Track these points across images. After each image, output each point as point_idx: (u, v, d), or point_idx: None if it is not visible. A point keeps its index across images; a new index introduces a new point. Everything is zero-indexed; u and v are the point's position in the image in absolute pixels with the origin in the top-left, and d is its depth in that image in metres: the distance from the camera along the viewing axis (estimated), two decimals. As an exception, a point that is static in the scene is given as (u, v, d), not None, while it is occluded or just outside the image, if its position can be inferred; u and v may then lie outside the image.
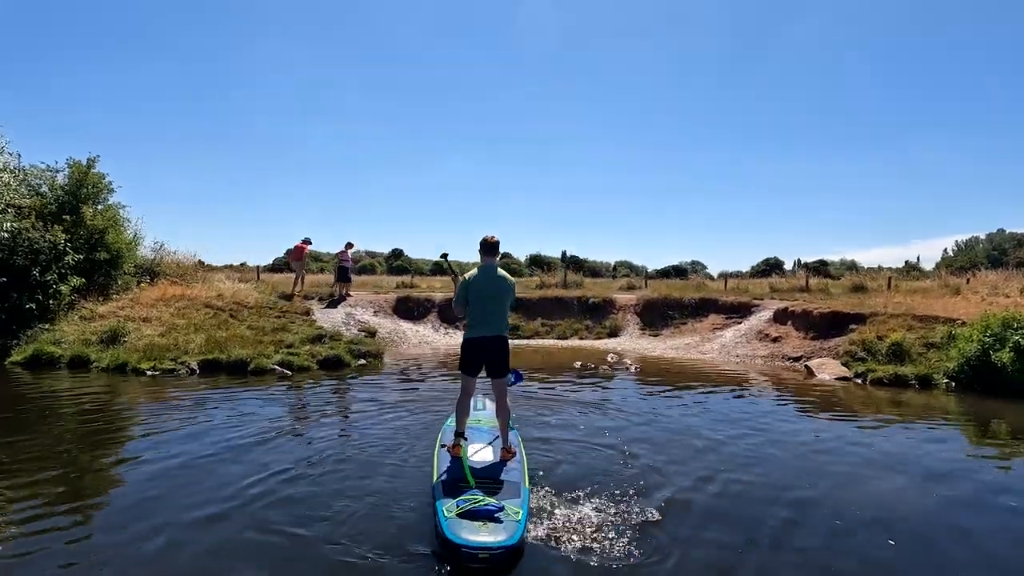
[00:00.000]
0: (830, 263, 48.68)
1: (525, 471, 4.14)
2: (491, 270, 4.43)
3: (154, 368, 9.08)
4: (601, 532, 3.58)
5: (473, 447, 4.48)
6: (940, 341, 9.91)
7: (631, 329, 15.34)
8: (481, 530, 3.20)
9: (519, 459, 4.32)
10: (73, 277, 11.29)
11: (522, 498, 3.65)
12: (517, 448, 4.51)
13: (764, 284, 19.93)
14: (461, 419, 4.46)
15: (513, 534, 3.18)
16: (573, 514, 3.81)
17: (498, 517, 3.33)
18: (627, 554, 3.33)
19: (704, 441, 5.79)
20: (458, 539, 3.11)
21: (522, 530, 3.28)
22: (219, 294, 13.22)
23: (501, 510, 3.40)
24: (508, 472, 4.06)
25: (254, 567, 3.21)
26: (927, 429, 6.54)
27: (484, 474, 3.98)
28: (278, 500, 4.10)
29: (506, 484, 3.85)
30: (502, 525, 3.26)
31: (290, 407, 7.19)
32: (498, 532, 3.18)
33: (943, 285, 16.43)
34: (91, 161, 12.55)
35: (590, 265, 62.12)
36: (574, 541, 3.46)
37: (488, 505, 3.42)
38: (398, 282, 20.42)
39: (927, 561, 3.41)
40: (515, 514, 3.39)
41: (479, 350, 4.43)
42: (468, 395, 4.50)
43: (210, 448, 5.27)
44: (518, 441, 4.72)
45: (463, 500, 3.49)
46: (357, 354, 10.86)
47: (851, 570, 3.27)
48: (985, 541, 3.69)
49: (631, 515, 3.84)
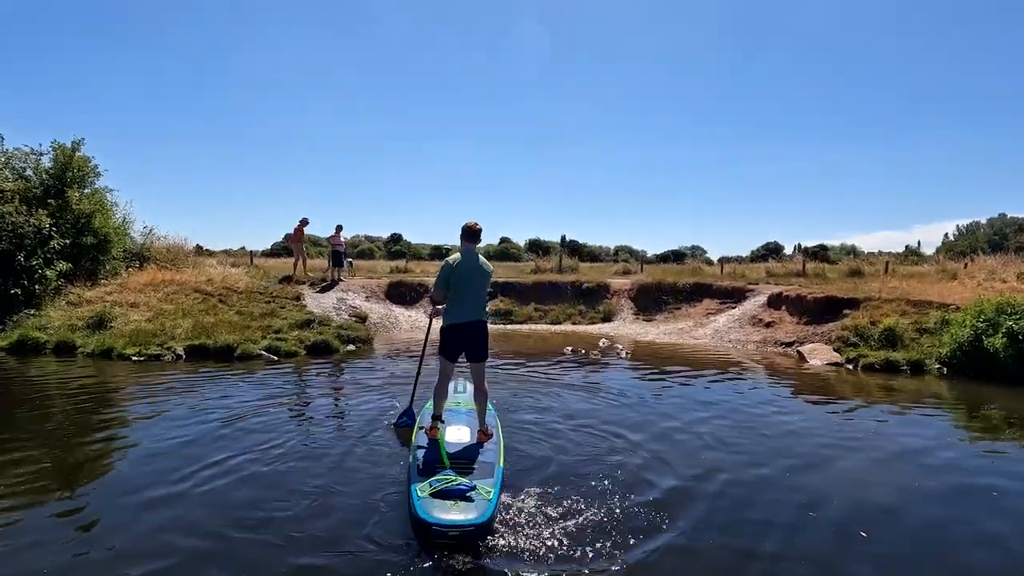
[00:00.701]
0: (830, 248, 48.46)
1: (501, 452, 4.26)
2: (472, 256, 4.50)
3: (139, 354, 9.02)
4: (570, 510, 3.66)
5: (452, 429, 4.57)
6: (933, 326, 9.80)
7: (625, 314, 15.24)
8: (452, 509, 3.27)
9: (496, 441, 4.46)
10: (59, 262, 11.19)
11: (495, 478, 3.73)
12: (495, 430, 4.63)
13: (761, 269, 19.77)
14: (439, 402, 4.54)
15: (483, 512, 3.26)
16: (546, 494, 3.88)
17: (470, 496, 3.40)
18: (596, 533, 3.36)
19: (675, 423, 5.84)
20: (429, 518, 3.19)
21: (493, 509, 3.35)
22: (209, 279, 13.12)
23: (473, 489, 3.46)
24: (484, 453, 4.17)
25: (226, 548, 3.25)
26: (911, 414, 6.47)
27: (460, 455, 4.09)
28: (243, 480, 4.14)
29: (480, 465, 3.94)
30: (473, 504, 3.33)
31: (269, 392, 7.09)
32: (469, 511, 3.27)
33: (940, 270, 16.28)
34: (76, 144, 12.37)
35: (589, 250, 61.96)
36: (544, 520, 3.52)
37: (460, 485, 3.48)
38: (392, 267, 20.30)
39: (901, 548, 3.34)
40: (487, 493, 3.47)
41: (460, 335, 4.50)
42: (446, 379, 4.58)
43: (176, 432, 5.25)
44: (496, 423, 4.85)
45: (436, 480, 3.55)
46: (346, 339, 10.79)
47: (814, 554, 3.21)
48: (976, 532, 3.62)
49: (602, 496, 3.90)
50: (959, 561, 3.27)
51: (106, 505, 3.81)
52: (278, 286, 13.76)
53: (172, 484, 4.10)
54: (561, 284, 16.50)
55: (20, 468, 4.40)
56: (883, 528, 3.59)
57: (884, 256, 25.38)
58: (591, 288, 16.24)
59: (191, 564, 3.09)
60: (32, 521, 3.55)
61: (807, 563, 3.16)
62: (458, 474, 3.68)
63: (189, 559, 3.13)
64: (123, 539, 3.34)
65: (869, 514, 3.79)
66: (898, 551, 3.33)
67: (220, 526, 3.48)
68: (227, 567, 3.05)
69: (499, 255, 52.67)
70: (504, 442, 4.59)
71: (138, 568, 3.02)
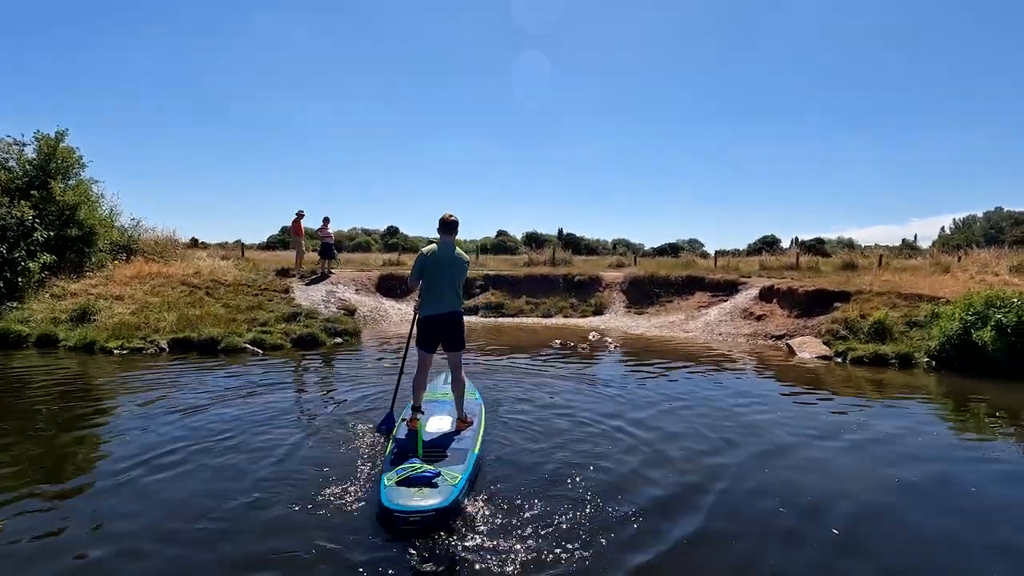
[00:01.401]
0: (827, 241, 48.41)
1: (479, 440, 4.31)
2: (448, 247, 4.54)
3: (122, 347, 8.92)
4: (538, 497, 3.72)
5: (434, 419, 4.65)
6: (923, 320, 9.75)
7: (616, 307, 15.17)
8: (415, 495, 3.35)
9: (475, 429, 4.50)
10: (43, 254, 11.04)
11: (466, 465, 3.78)
12: (476, 418, 4.72)
13: (755, 262, 19.69)
14: (417, 394, 4.56)
15: (445, 498, 3.33)
16: (517, 483, 3.95)
17: (435, 483, 3.48)
18: (560, 521, 3.39)
19: (648, 412, 5.81)
20: (391, 504, 3.26)
21: (456, 494, 3.40)
22: (196, 272, 13.02)
23: (438, 475, 3.55)
24: (460, 441, 4.24)
25: (194, 535, 3.26)
26: (894, 407, 6.40)
27: (436, 443, 4.15)
28: (188, 472, 4.12)
29: (453, 452, 4.01)
30: (436, 490, 3.41)
31: (248, 383, 6.98)
32: (430, 497, 3.34)
33: (934, 263, 16.24)
34: (60, 135, 12.21)
35: (587, 243, 61.85)
36: (510, 506, 3.59)
37: (425, 472, 3.56)
38: (385, 259, 20.19)
39: (868, 546, 3.28)
40: (453, 479, 3.54)
41: (435, 327, 4.55)
42: (424, 371, 4.64)
43: (133, 424, 5.17)
44: (479, 411, 4.92)
45: (402, 468, 3.64)
46: (333, 332, 10.71)
47: (776, 551, 3.15)
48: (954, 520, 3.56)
49: (571, 486, 3.92)
50: (924, 557, 3.21)
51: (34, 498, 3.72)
52: (267, 279, 13.64)
53: (118, 475, 4.05)
54: (553, 277, 16.42)
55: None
56: (848, 523, 3.51)
57: (877, 250, 25.39)
58: (583, 281, 16.17)
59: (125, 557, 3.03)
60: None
61: (768, 560, 3.09)
62: (429, 462, 3.76)
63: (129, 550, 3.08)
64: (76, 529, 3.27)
65: (840, 510, 3.70)
66: (864, 548, 3.25)
67: (159, 521, 3.42)
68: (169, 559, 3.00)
69: (496, 248, 52.53)
70: (485, 430, 4.64)
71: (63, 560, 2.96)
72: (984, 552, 3.25)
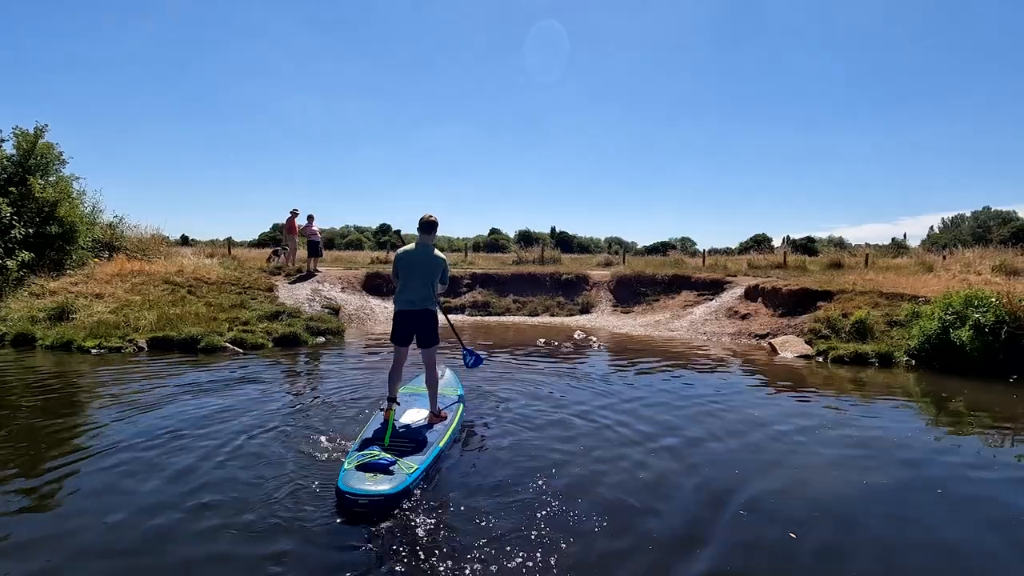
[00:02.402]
0: (818, 240, 48.69)
1: (447, 435, 4.52)
2: (424, 247, 4.72)
3: (99, 346, 8.81)
4: (488, 491, 3.87)
5: (411, 411, 4.87)
6: (904, 319, 9.80)
7: (603, 306, 15.18)
8: (368, 480, 3.54)
9: (446, 424, 4.70)
10: (21, 252, 10.92)
11: (426, 457, 3.99)
12: (451, 414, 4.93)
13: (743, 261, 19.78)
14: (392, 386, 4.73)
15: (396, 486, 3.51)
16: (474, 477, 4.12)
17: (390, 470, 3.66)
18: (518, 515, 3.51)
19: (621, 411, 5.72)
20: (344, 487, 3.46)
21: (408, 483, 3.59)
22: (179, 269, 12.90)
23: (394, 463, 3.73)
24: (429, 434, 4.41)
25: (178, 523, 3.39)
26: (870, 406, 6.41)
27: (405, 435, 4.32)
28: (130, 469, 4.10)
29: (418, 444, 4.18)
30: (390, 477, 3.59)
31: (225, 382, 6.92)
32: (382, 483, 3.52)
33: (918, 262, 16.37)
34: (39, 130, 12.05)
35: (580, 241, 62.03)
36: (461, 498, 3.75)
37: (381, 459, 3.76)
38: (373, 257, 20.10)
39: (826, 550, 3.28)
40: (408, 468, 3.72)
41: (405, 322, 4.72)
42: (399, 364, 4.79)
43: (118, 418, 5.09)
44: (456, 408, 5.11)
45: (362, 455, 3.84)
46: (316, 331, 10.64)
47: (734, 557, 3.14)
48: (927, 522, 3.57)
49: (530, 483, 3.99)
50: (889, 556, 3.21)
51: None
52: (251, 277, 13.54)
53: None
54: (540, 276, 16.40)
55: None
56: (814, 528, 3.48)
57: (869, 248, 25.57)
58: (570, 280, 16.16)
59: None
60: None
61: (725, 564, 3.09)
62: (394, 451, 3.95)
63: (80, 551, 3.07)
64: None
65: (803, 513, 3.68)
66: (822, 552, 3.26)
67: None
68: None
69: (488, 246, 52.53)
70: (457, 426, 4.85)
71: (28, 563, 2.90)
72: (936, 551, 3.26)
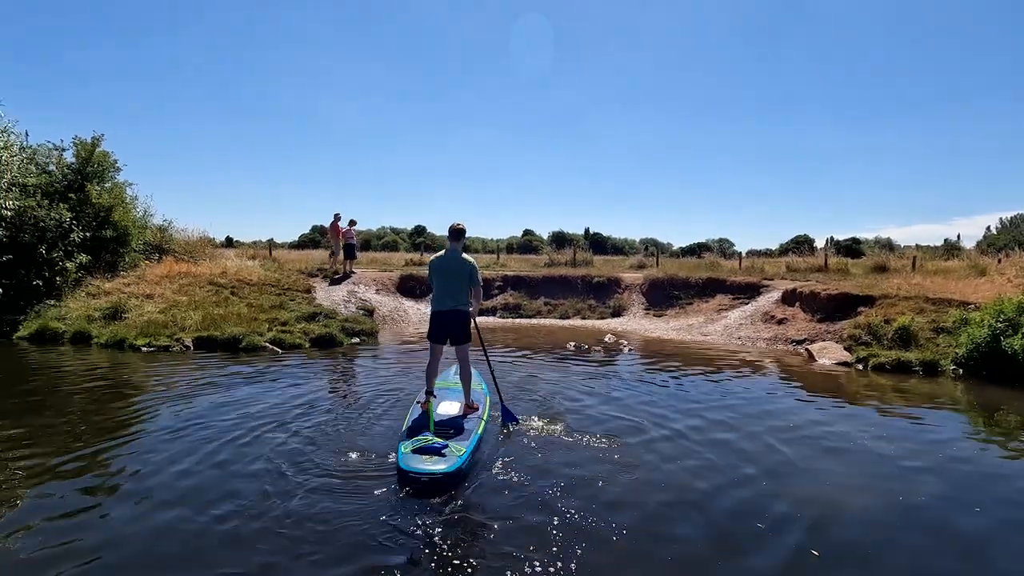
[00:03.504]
0: (864, 241, 46.92)
1: (482, 423, 4.96)
2: (453, 252, 5.13)
3: (149, 344, 9.29)
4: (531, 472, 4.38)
5: (445, 403, 5.20)
6: (951, 325, 9.39)
7: (635, 309, 15.04)
8: (426, 461, 4.04)
9: (479, 415, 5.11)
10: (79, 254, 11.59)
11: (470, 441, 4.45)
12: (481, 406, 5.32)
13: (781, 263, 19.24)
14: (429, 380, 5.17)
15: (450, 465, 3.99)
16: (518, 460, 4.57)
17: (443, 453, 4.16)
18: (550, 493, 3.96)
19: (653, 419, 5.67)
20: (406, 467, 3.96)
21: (460, 463, 4.06)
22: (223, 271, 13.44)
23: (445, 447, 4.23)
24: (467, 423, 4.87)
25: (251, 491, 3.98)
26: (912, 417, 6.18)
27: (446, 423, 4.77)
28: (261, 453, 4.58)
29: (459, 431, 4.65)
30: (444, 458, 4.09)
31: (268, 378, 7.21)
32: (439, 463, 4.02)
33: (970, 266, 15.56)
34: (96, 140, 12.78)
35: (614, 242, 61.51)
36: (506, 481, 4.24)
37: (435, 443, 4.28)
38: (407, 259, 20.43)
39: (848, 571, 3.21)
40: (457, 451, 4.20)
41: (441, 322, 5.16)
42: (435, 360, 5.22)
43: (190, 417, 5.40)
44: (484, 401, 5.51)
45: (417, 440, 4.35)
46: (351, 332, 10.93)
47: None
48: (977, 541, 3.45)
49: (566, 465, 4.47)
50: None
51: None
52: (290, 279, 13.99)
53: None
54: (572, 278, 16.37)
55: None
56: (839, 547, 3.39)
57: (918, 250, 24.43)
58: (602, 283, 16.07)
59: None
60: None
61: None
62: (438, 437, 4.42)
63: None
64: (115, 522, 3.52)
65: (829, 531, 3.57)
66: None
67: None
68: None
69: (522, 248, 52.64)
70: (488, 416, 5.26)
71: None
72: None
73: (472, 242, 50.09)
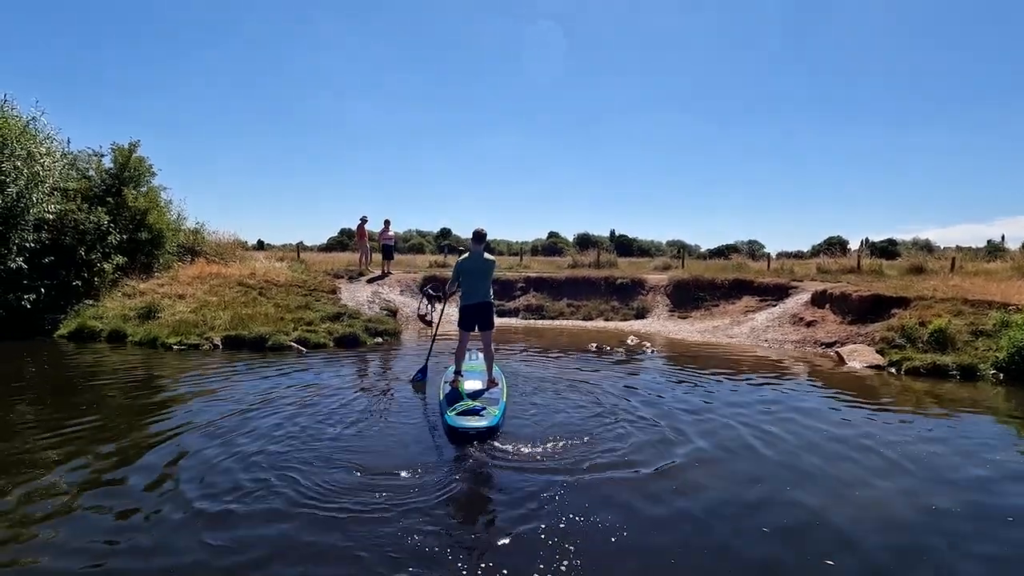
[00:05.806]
0: (900, 243, 45.36)
1: (504, 393, 6.01)
2: (478, 254, 6.02)
3: (180, 343, 9.57)
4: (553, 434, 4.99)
5: (469, 382, 6.17)
6: (991, 328, 8.99)
7: (659, 311, 14.85)
8: (471, 420, 5.10)
9: (500, 388, 6.12)
10: (116, 256, 12.02)
11: (498, 406, 5.48)
12: (500, 380, 6.35)
13: (812, 264, 18.75)
14: (458, 362, 6.30)
15: (490, 421, 5.08)
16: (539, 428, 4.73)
17: (482, 414, 5.20)
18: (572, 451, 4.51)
19: (665, 420, 5.55)
20: (457, 425, 5.01)
21: (496, 420, 5.13)
22: (252, 272, 13.76)
23: (483, 410, 5.30)
24: (491, 393, 5.93)
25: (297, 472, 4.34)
26: (945, 422, 5.94)
27: (474, 395, 5.80)
28: (313, 433, 4.70)
29: (488, 399, 5.72)
30: (483, 418, 5.14)
31: (300, 374, 7.35)
32: (481, 421, 5.08)
33: (1015, 267, 14.92)
34: (132, 146, 13.24)
35: (640, 244, 60.84)
36: (529, 437, 5.19)
37: (475, 407, 5.36)
38: (431, 261, 20.61)
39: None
40: (491, 413, 5.25)
41: (473, 313, 6.11)
42: (463, 345, 6.27)
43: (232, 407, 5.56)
44: (502, 376, 6.53)
45: (459, 405, 5.43)
46: (374, 332, 11.07)
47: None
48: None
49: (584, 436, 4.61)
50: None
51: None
52: (316, 280, 14.24)
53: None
54: (595, 279, 16.26)
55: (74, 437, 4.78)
56: (854, 555, 3.27)
57: (958, 251, 23.47)
58: (625, 284, 15.92)
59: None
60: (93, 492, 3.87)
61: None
62: (475, 402, 5.52)
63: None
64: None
65: (846, 537, 3.44)
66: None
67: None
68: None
69: (547, 249, 52.52)
70: (507, 388, 6.27)
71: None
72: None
73: (497, 244, 50.25)
